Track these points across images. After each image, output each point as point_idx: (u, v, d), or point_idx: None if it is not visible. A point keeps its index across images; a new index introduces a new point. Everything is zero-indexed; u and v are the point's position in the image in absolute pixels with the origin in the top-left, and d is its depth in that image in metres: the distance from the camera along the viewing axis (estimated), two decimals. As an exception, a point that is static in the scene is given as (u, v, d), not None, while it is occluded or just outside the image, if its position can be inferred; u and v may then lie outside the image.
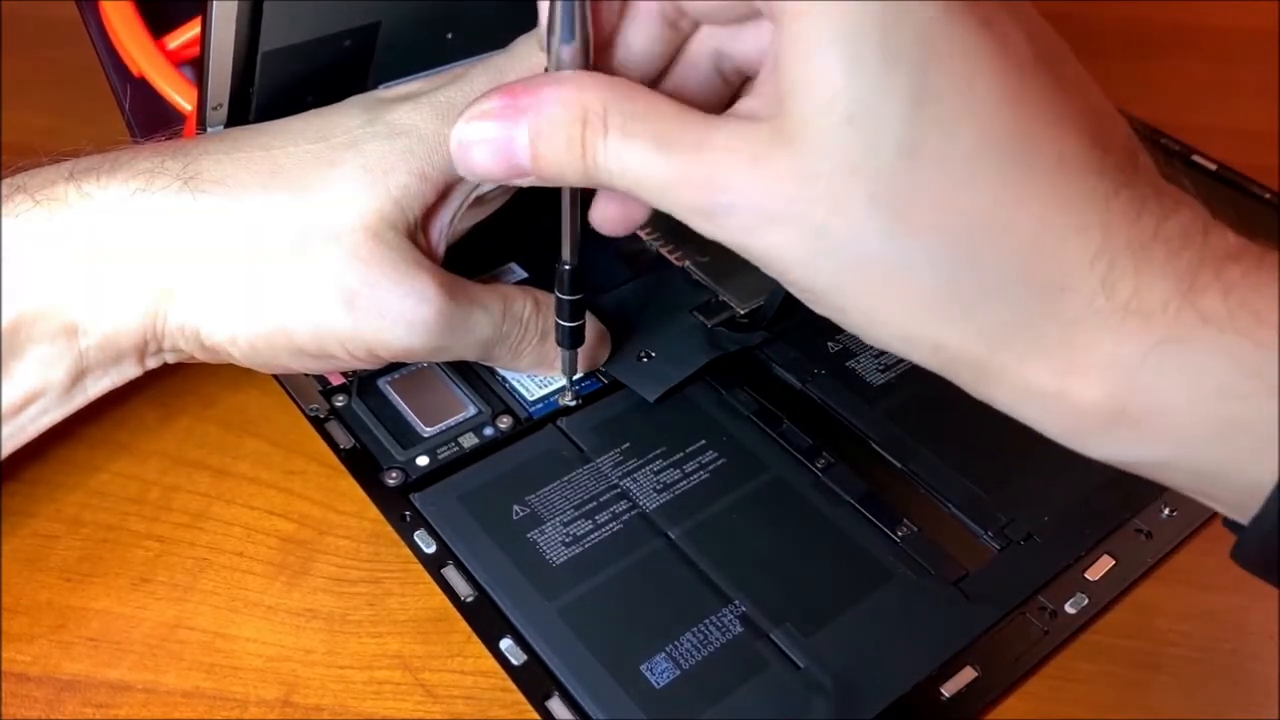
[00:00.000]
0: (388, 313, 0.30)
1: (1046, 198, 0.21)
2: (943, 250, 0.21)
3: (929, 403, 0.37)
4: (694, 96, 0.26)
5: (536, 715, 0.28)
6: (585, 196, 0.28)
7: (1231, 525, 0.23)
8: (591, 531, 0.32)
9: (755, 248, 0.23)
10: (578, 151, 0.23)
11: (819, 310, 0.24)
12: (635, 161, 0.23)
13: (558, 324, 0.33)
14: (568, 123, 0.23)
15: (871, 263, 0.22)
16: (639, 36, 0.25)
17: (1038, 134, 0.21)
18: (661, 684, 0.28)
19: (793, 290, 0.24)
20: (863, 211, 0.21)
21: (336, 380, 0.36)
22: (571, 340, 0.33)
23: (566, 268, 0.31)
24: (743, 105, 0.24)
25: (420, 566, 0.31)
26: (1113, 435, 0.22)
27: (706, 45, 0.26)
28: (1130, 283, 0.21)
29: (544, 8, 0.24)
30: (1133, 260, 0.21)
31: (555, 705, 0.28)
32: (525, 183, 0.25)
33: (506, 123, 0.24)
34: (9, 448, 0.29)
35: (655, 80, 0.26)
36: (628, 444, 0.34)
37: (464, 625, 0.30)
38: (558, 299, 0.32)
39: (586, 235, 0.30)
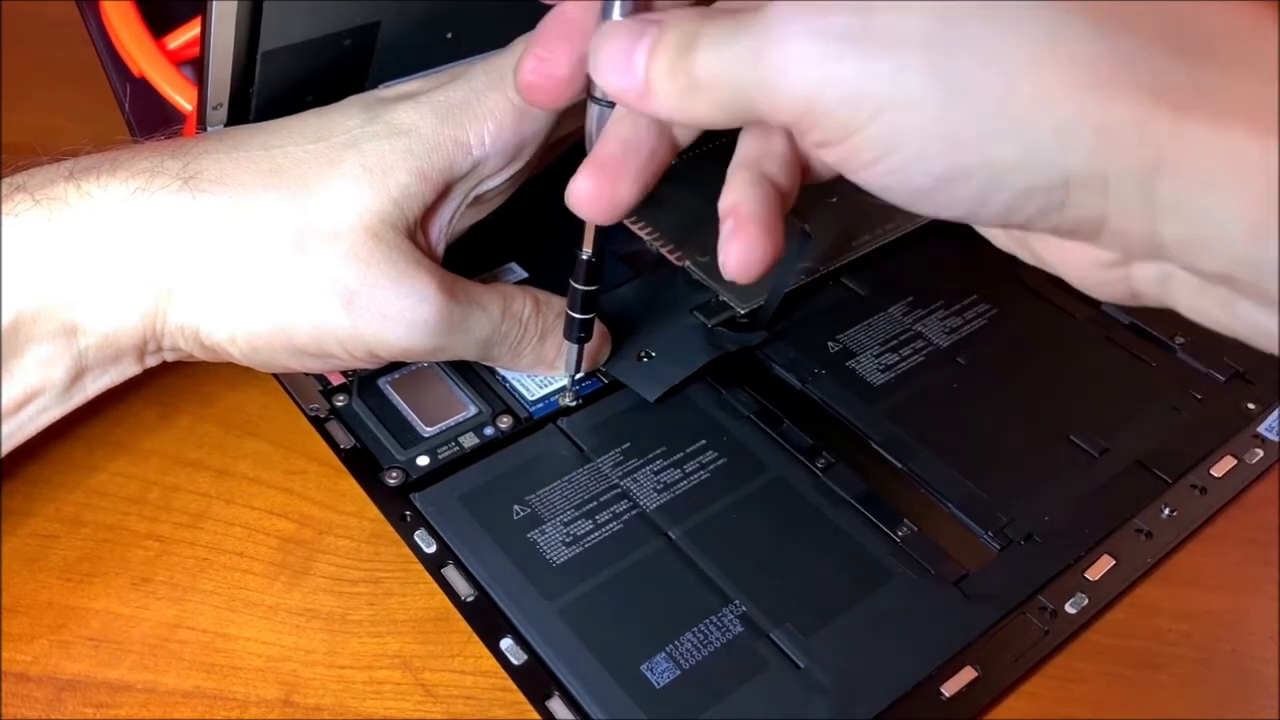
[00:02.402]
0: (387, 312, 0.30)
1: None
2: (1094, 9, 0.19)
3: (929, 403, 0.37)
4: None
5: (536, 715, 0.28)
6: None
7: None
8: (591, 531, 0.32)
9: (846, 77, 0.20)
10: (683, 51, 0.22)
11: (921, 170, 0.20)
12: (725, 51, 0.22)
13: (568, 315, 0.32)
14: (682, 27, 0.22)
15: (1008, 40, 0.19)
16: None
17: None
18: (661, 684, 0.28)
19: (885, 150, 0.20)
20: None
21: (337, 380, 0.36)
22: (580, 333, 0.33)
23: (585, 258, 0.31)
24: None
25: (420, 566, 0.31)
26: None
27: None
28: None
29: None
30: None
31: (555, 705, 0.28)
32: (636, 104, 0.24)
33: (636, 31, 0.23)
34: (8, 446, 0.29)
35: None
36: (628, 444, 0.34)
37: (464, 625, 0.30)
38: (572, 288, 0.32)
39: (604, 230, 0.30)
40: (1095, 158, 0.19)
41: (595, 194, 0.25)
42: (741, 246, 0.24)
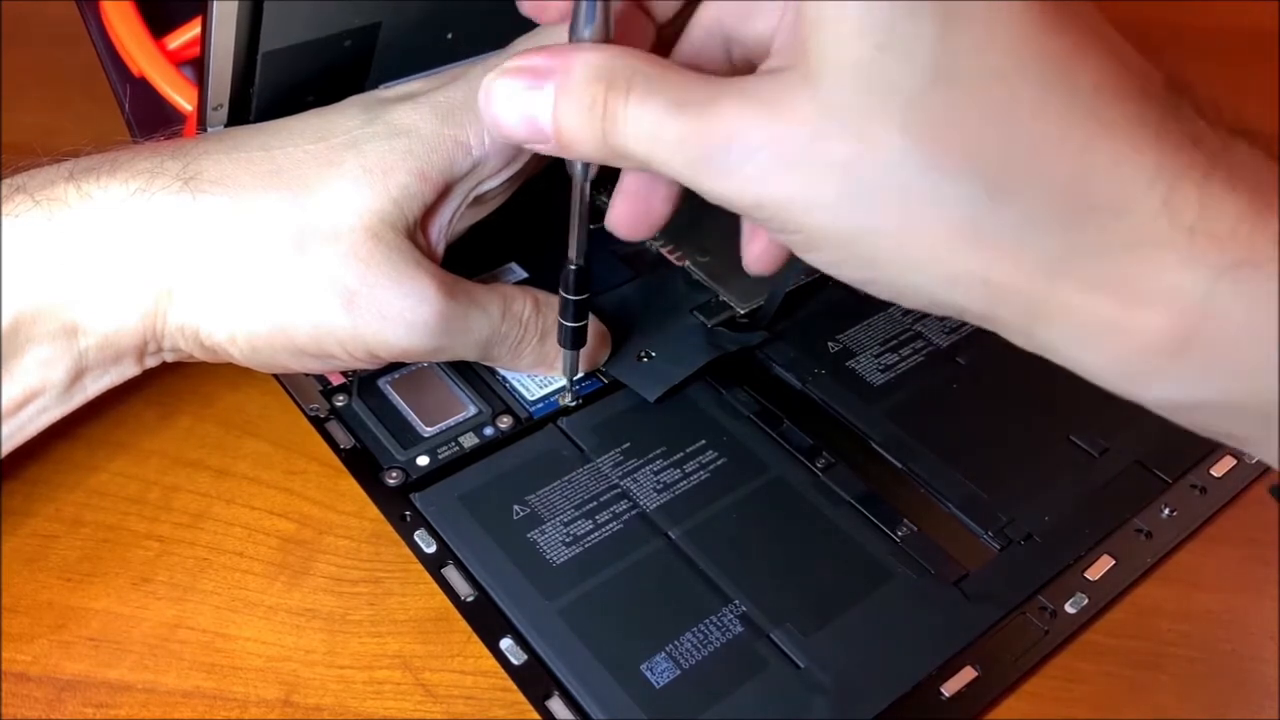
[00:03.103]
0: (387, 313, 0.30)
1: (1089, 121, 0.20)
2: (984, 178, 0.20)
3: (929, 403, 0.37)
4: None
5: (536, 715, 0.28)
6: (593, 193, 0.28)
7: None
8: (591, 531, 0.32)
9: (774, 197, 0.22)
10: (599, 114, 0.23)
11: (843, 272, 0.23)
12: (651, 123, 0.22)
13: (561, 324, 0.33)
14: (592, 84, 0.23)
15: (908, 197, 0.21)
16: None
17: (1074, 60, 0.20)
18: (661, 684, 0.28)
19: (812, 251, 0.23)
20: (896, 141, 0.20)
21: (336, 380, 0.36)
22: (574, 341, 0.33)
23: (572, 267, 0.31)
24: (760, 69, 0.24)
25: (420, 566, 0.31)
26: (1176, 371, 0.20)
27: (717, 31, 0.26)
28: (1195, 204, 0.19)
29: None
30: (1195, 183, 0.19)
31: (555, 705, 0.28)
32: (544, 149, 0.25)
33: (533, 82, 0.24)
34: (8, 446, 0.29)
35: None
36: (628, 444, 0.34)
37: (464, 625, 0.30)
38: (562, 298, 0.32)
39: (589, 235, 0.30)
40: (981, 305, 0.22)
41: (634, 219, 0.28)
42: (762, 244, 0.27)
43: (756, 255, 0.27)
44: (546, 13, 0.26)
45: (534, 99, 0.24)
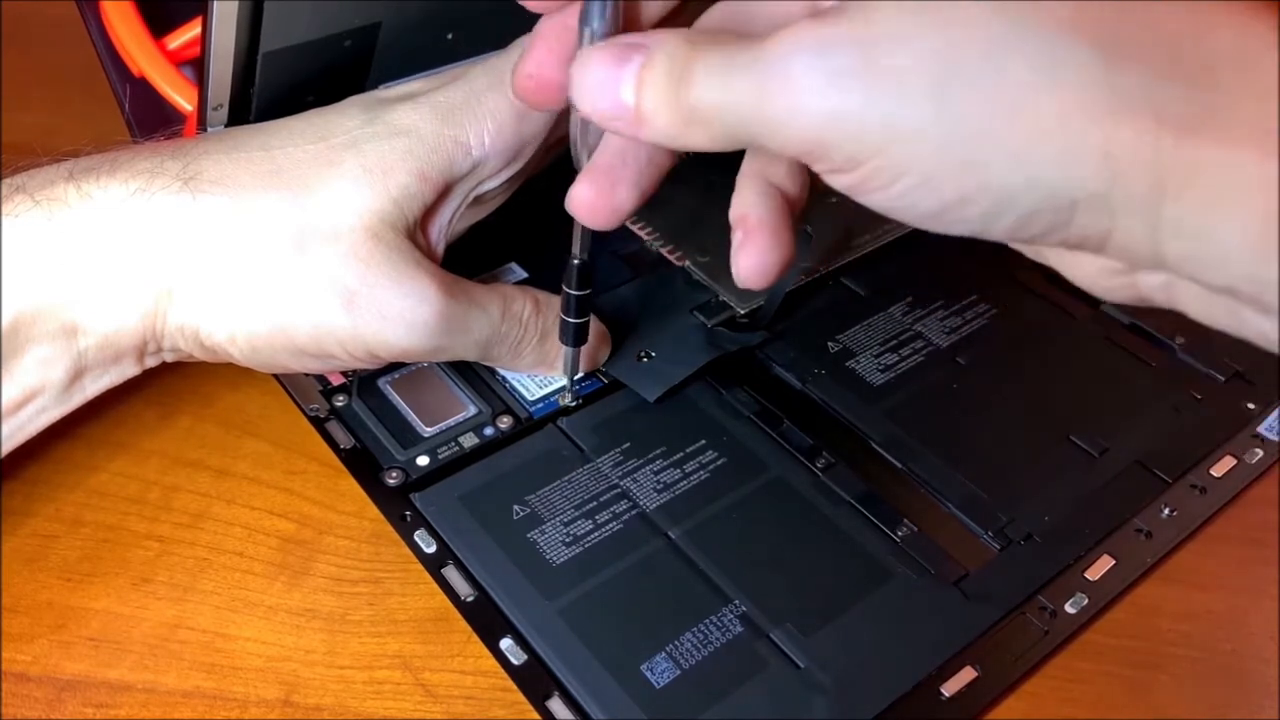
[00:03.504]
0: (387, 313, 0.30)
1: None
2: (1097, 42, 0.19)
3: (929, 403, 0.37)
4: None
5: (536, 715, 0.28)
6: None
7: None
8: (591, 531, 0.32)
9: (851, 109, 0.20)
10: (677, 75, 0.22)
11: (935, 192, 0.21)
12: (720, 65, 0.21)
13: (562, 319, 0.33)
14: (672, 55, 0.22)
15: (1010, 71, 0.19)
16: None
17: None
18: (661, 684, 0.28)
19: (900, 176, 0.21)
20: (992, 17, 0.19)
21: (336, 380, 0.36)
22: (576, 337, 0.33)
23: (576, 262, 0.31)
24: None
25: (420, 566, 0.31)
26: None
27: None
28: None
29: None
30: None
31: (555, 705, 0.28)
32: (623, 126, 0.23)
33: (619, 57, 0.23)
34: (8, 446, 0.29)
35: None
36: (628, 444, 0.34)
37: (464, 625, 0.30)
38: (565, 293, 0.32)
39: (592, 231, 0.30)
40: (1101, 183, 0.19)
41: (594, 200, 0.26)
42: (752, 254, 0.25)
43: (750, 266, 0.26)
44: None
45: (621, 73, 0.23)
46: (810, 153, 0.21)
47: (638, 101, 0.23)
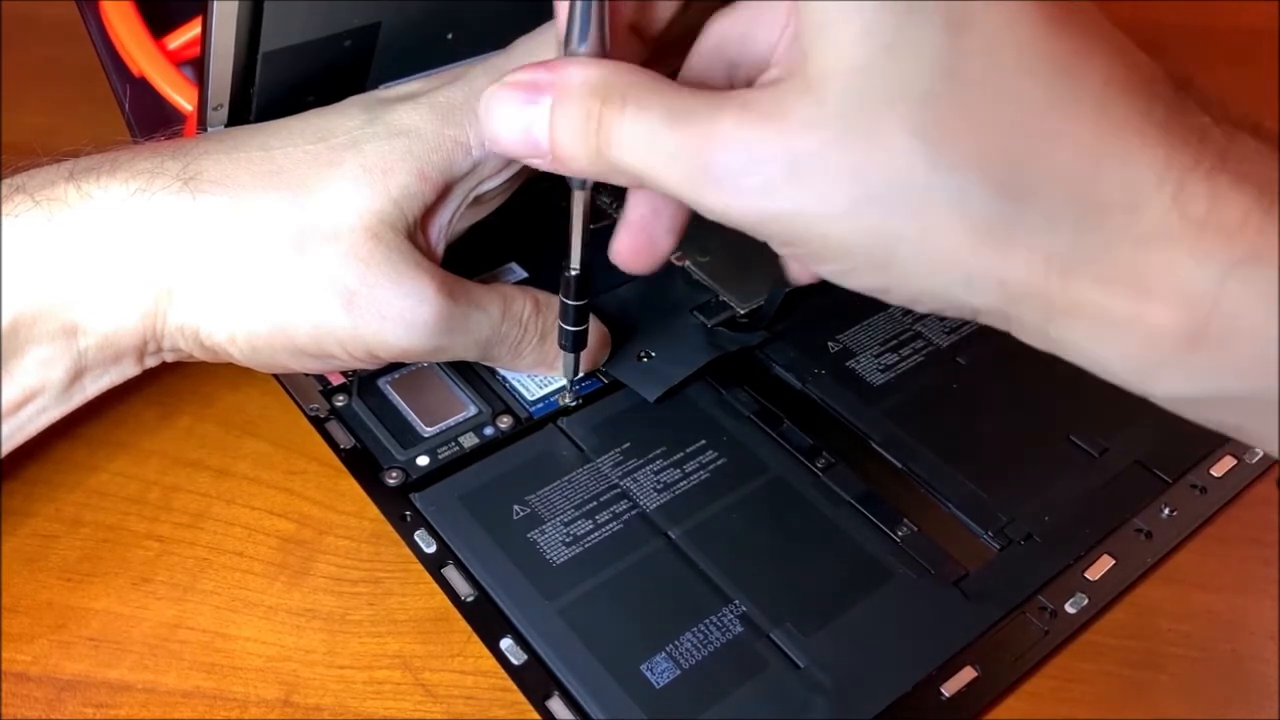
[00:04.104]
0: (387, 313, 0.30)
1: (1099, 117, 0.20)
2: (998, 178, 0.20)
3: (929, 403, 0.37)
4: None
5: (536, 715, 0.28)
6: (593, 200, 0.28)
7: None
8: (591, 531, 0.32)
9: (781, 210, 0.22)
10: (594, 128, 0.23)
11: (856, 281, 0.23)
12: (646, 135, 0.22)
13: (561, 328, 0.33)
14: (588, 97, 0.23)
15: (922, 199, 0.21)
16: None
17: (1080, 59, 0.20)
18: (661, 684, 0.28)
19: (823, 263, 0.23)
20: (905, 144, 0.20)
21: (337, 380, 0.36)
22: (575, 344, 0.33)
23: (572, 273, 0.31)
24: (758, 82, 0.24)
25: (420, 566, 0.31)
26: (1188, 365, 0.20)
27: (720, 55, 0.26)
28: (1204, 199, 0.20)
29: (561, 9, 0.24)
30: (1204, 177, 0.20)
31: (555, 705, 0.28)
32: (541, 164, 0.25)
33: (530, 95, 0.24)
34: (8, 446, 0.29)
35: None
36: (628, 444, 0.34)
37: (464, 625, 0.30)
38: (563, 303, 0.32)
39: (590, 238, 0.30)
40: (997, 303, 0.22)
41: (636, 254, 0.28)
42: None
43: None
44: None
45: (531, 113, 0.24)
46: (738, 225, 0.23)
47: (552, 146, 0.24)
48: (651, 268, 0.28)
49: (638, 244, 0.27)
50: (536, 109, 0.24)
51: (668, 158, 0.22)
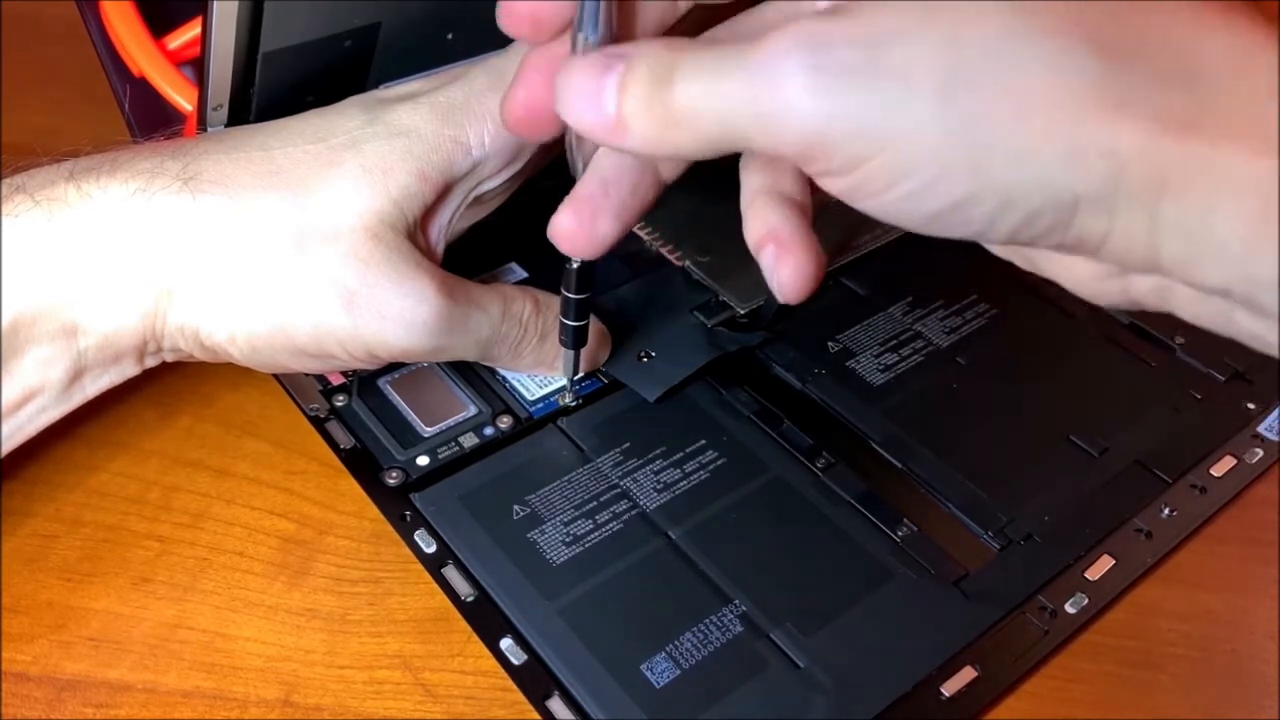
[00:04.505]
0: (387, 313, 0.30)
1: None
2: (1099, 43, 0.19)
3: (929, 403, 0.37)
4: None
5: (536, 715, 0.28)
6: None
7: None
8: (591, 531, 0.32)
9: (859, 109, 0.20)
10: (659, 83, 0.22)
11: (932, 199, 0.21)
12: (710, 75, 0.21)
13: (562, 322, 0.33)
14: (654, 59, 0.22)
15: (1017, 70, 0.19)
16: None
17: None
18: (661, 684, 0.28)
19: (902, 177, 0.21)
20: (995, 12, 0.19)
21: (337, 380, 0.36)
22: (575, 339, 0.33)
23: (574, 266, 0.31)
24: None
25: (420, 566, 0.31)
26: None
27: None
28: None
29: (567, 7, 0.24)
30: None
31: (555, 705, 0.28)
32: (610, 139, 0.23)
33: (604, 66, 0.23)
34: (8, 446, 0.29)
35: None
36: (628, 444, 0.34)
37: (464, 625, 0.30)
38: (564, 297, 0.32)
39: None
40: (1104, 181, 0.20)
41: (574, 230, 0.27)
42: (792, 269, 0.25)
43: (792, 279, 0.25)
44: (540, 30, 0.25)
45: (602, 84, 0.23)
46: (806, 154, 0.21)
47: (618, 108, 0.22)
48: (587, 252, 0.27)
49: (579, 221, 0.26)
50: (606, 81, 0.22)
51: (727, 94, 0.21)
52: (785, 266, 0.25)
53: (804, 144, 0.21)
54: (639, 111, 0.22)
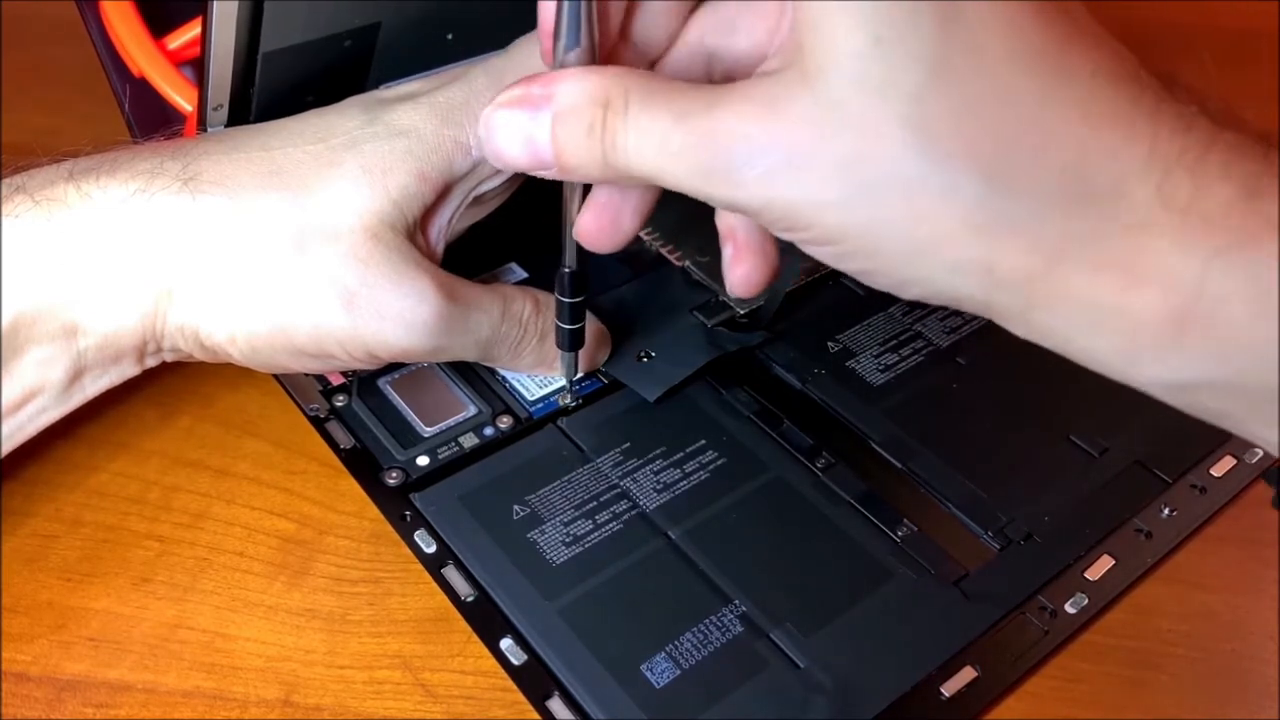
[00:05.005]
0: (386, 313, 0.30)
1: (1087, 106, 0.20)
2: (986, 169, 0.21)
3: (929, 403, 0.37)
4: None
5: (536, 715, 0.28)
6: (584, 197, 0.28)
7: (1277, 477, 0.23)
8: (591, 531, 0.32)
9: (780, 199, 0.22)
10: (598, 136, 0.23)
11: (849, 265, 0.23)
12: (654, 137, 0.23)
13: (558, 326, 0.33)
14: (589, 107, 0.23)
15: (911, 189, 0.21)
16: (647, 29, 0.26)
17: (1067, 49, 0.21)
18: (661, 684, 0.28)
19: (820, 246, 0.23)
20: (897, 135, 0.21)
21: (337, 380, 0.36)
22: (571, 343, 0.33)
23: (567, 271, 0.31)
24: (757, 72, 0.25)
25: (420, 566, 0.31)
26: (1173, 352, 0.21)
27: (700, 50, 0.26)
28: (1188, 188, 0.20)
29: (546, 9, 0.24)
30: (1188, 168, 0.20)
31: (555, 705, 0.28)
32: (548, 174, 0.25)
33: (529, 110, 0.24)
34: (8, 446, 0.29)
35: None
36: (628, 444, 0.34)
37: (464, 625, 0.30)
38: (558, 301, 0.32)
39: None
40: (984, 291, 0.22)
41: (598, 230, 0.28)
42: (744, 272, 0.27)
43: (741, 277, 0.27)
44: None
45: (533, 127, 0.24)
46: (744, 212, 0.24)
47: (557, 156, 0.24)
48: (614, 247, 0.28)
49: (602, 223, 0.27)
50: (537, 124, 0.24)
51: (674, 156, 0.23)
52: (739, 266, 0.27)
53: (749, 212, 0.23)
54: (582, 162, 0.24)
